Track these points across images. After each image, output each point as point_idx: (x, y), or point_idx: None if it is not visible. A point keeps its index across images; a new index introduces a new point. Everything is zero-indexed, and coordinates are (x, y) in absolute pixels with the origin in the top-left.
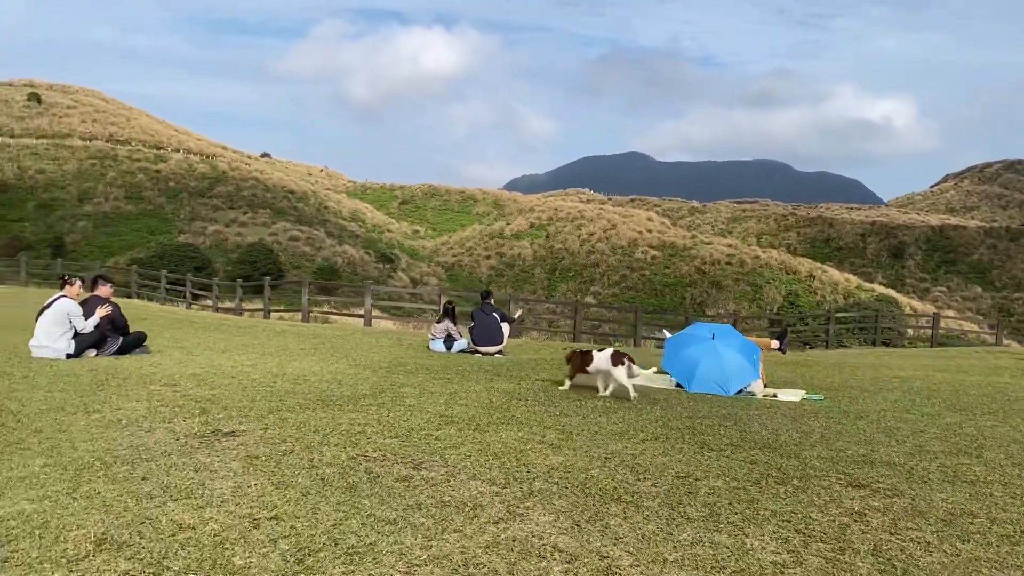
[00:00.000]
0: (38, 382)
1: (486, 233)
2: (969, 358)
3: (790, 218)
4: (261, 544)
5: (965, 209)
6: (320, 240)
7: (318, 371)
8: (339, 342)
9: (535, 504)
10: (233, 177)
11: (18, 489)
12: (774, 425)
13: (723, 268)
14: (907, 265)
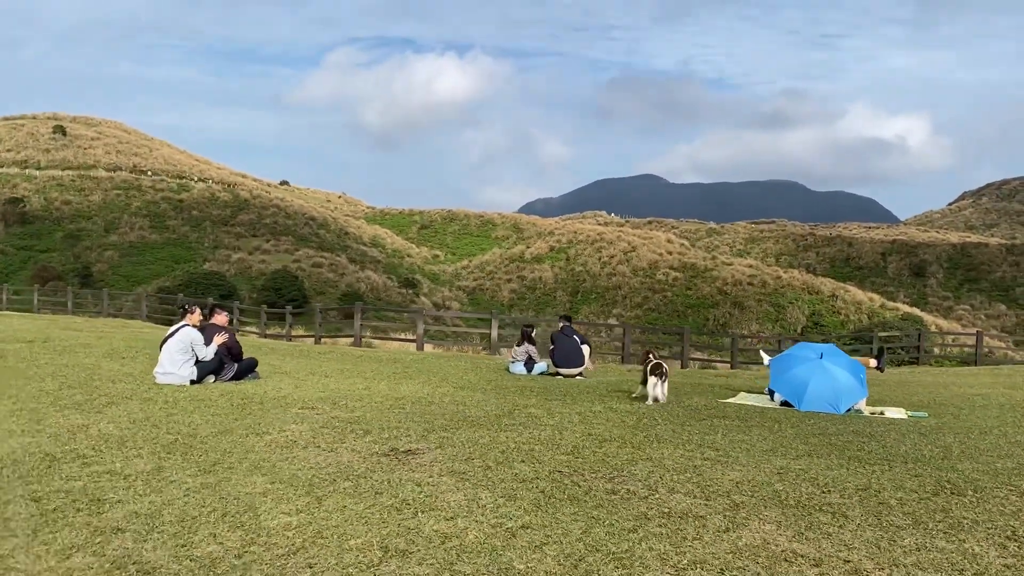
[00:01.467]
0: (185, 407)
1: (506, 257)
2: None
3: (809, 238)
4: (529, 550)
5: (984, 226)
6: (343, 266)
7: (431, 393)
8: (422, 365)
9: (748, 515)
10: (255, 205)
11: (268, 504)
12: (909, 441)
13: (745, 289)
14: (929, 284)
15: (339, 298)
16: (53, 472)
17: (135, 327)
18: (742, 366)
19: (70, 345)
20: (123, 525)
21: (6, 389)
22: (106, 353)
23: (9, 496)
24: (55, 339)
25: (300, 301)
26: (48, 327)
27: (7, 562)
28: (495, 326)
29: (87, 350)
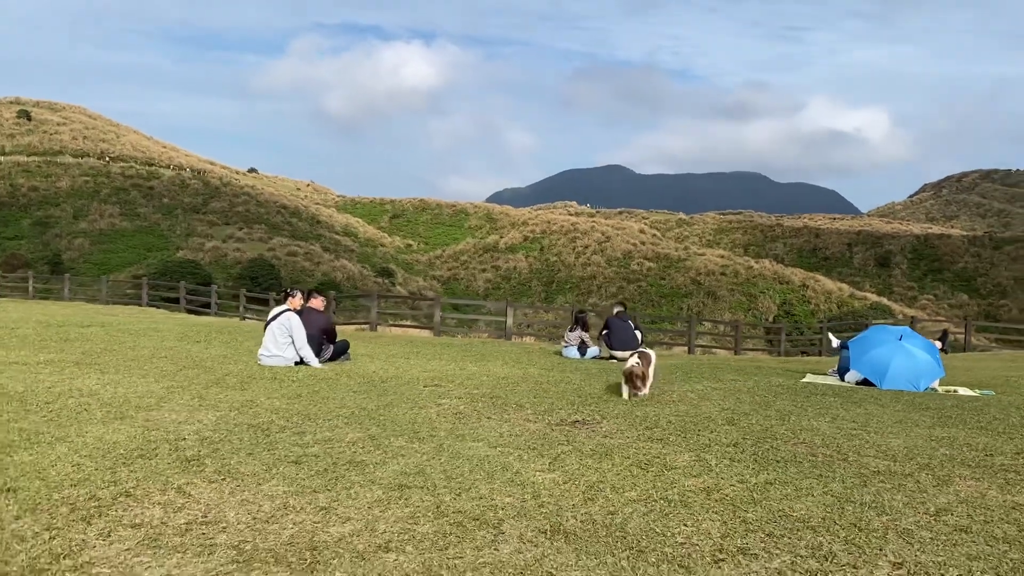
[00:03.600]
0: (322, 385)
1: (480, 247)
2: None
3: (776, 229)
4: (789, 500)
5: (945, 218)
6: (318, 255)
7: (523, 373)
8: (475, 349)
9: (947, 474)
10: (226, 193)
11: (513, 463)
12: (1005, 413)
13: (718, 279)
14: (894, 274)
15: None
16: (281, 440)
17: (150, 312)
18: (743, 352)
19: (136, 329)
20: (405, 481)
21: (138, 369)
22: (178, 337)
23: (266, 463)
24: (111, 324)
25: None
26: (72, 312)
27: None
28: (511, 313)
29: (156, 334)
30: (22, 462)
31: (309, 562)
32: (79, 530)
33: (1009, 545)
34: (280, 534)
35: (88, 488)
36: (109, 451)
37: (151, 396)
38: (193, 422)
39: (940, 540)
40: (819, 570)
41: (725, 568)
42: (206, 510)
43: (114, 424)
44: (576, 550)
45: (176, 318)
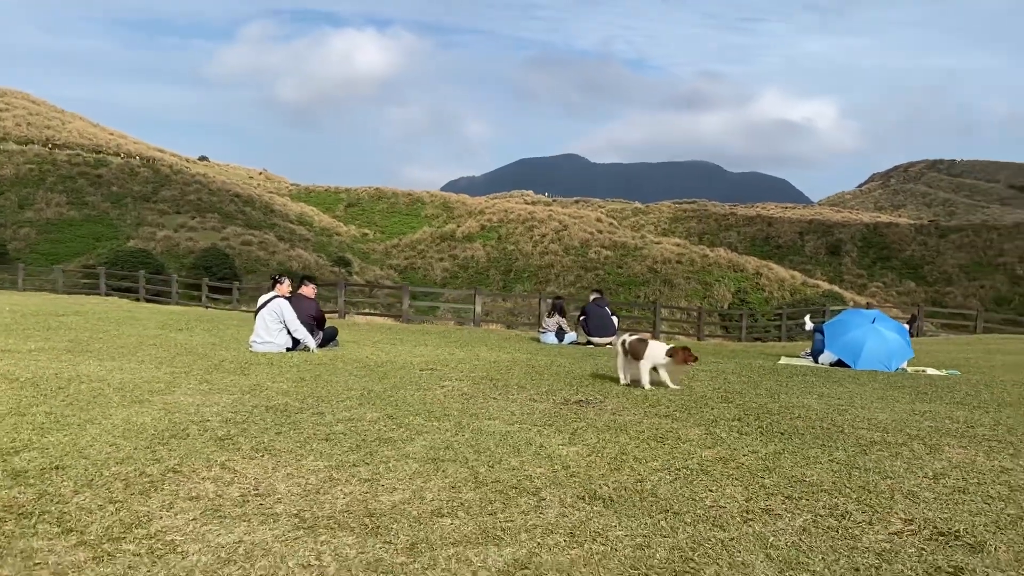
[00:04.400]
0: (321, 370)
1: (437, 235)
2: (973, 344)
3: (730, 218)
4: (802, 467)
5: (893, 207)
6: (272, 244)
7: (511, 358)
8: (453, 336)
9: (937, 443)
10: (177, 181)
11: (535, 439)
12: (982, 390)
13: (674, 267)
14: (844, 262)
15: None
16: (304, 420)
17: (115, 302)
18: (706, 338)
19: (113, 318)
20: (437, 455)
21: (132, 356)
22: (158, 325)
23: (297, 441)
24: (86, 313)
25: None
26: (40, 302)
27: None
28: (479, 301)
29: (135, 322)
30: (59, 443)
31: (370, 527)
32: (141, 503)
33: (1004, 503)
34: (334, 503)
35: (134, 466)
36: (140, 432)
37: (158, 381)
38: (211, 405)
39: (942, 500)
40: (838, 527)
41: (755, 526)
42: (256, 484)
43: (134, 407)
44: (616, 513)
45: (145, 307)
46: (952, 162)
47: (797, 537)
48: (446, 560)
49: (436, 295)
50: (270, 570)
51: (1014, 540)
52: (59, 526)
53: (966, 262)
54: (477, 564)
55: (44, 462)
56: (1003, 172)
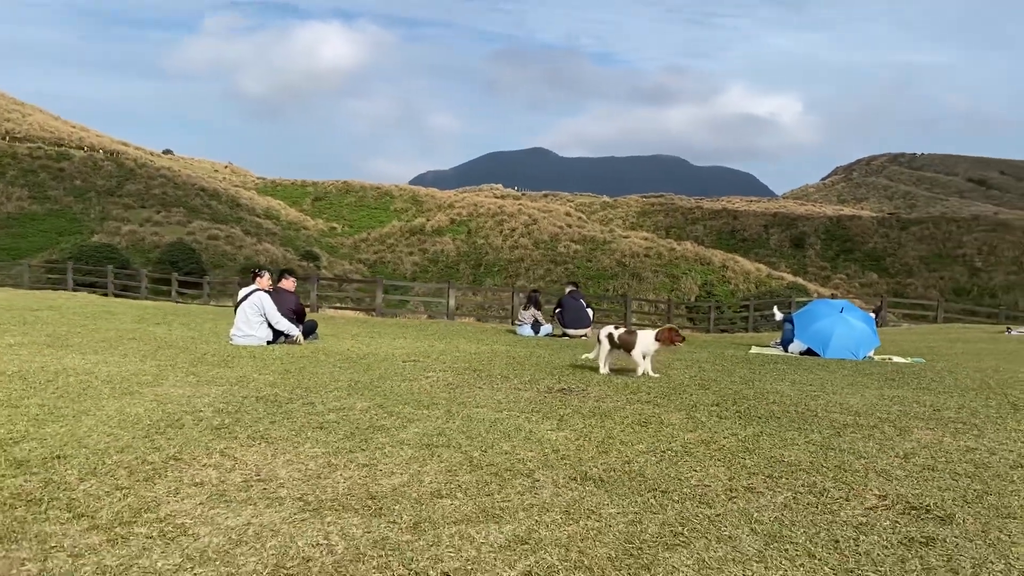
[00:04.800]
0: (306, 363)
1: (406, 229)
2: (935, 334)
3: (696, 211)
4: (779, 448)
5: (855, 200)
6: (239, 239)
7: (490, 350)
8: (430, 329)
9: (906, 425)
10: (141, 175)
11: (524, 425)
12: (937, 376)
13: (642, 261)
14: (808, 254)
15: (239, 271)
16: (295, 410)
17: (85, 296)
18: None
19: (89, 312)
20: (430, 441)
21: (114, 350)
22: (135, 319)
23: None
24: (60, 307)
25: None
26: (9, 296)
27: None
28: (452, 295)
29: (111, 316)
30: (56, 433)
31: (373, 508)
32: (147, 488)
33: (970, 479)
34: (335, 487)
35: (135, 454)
36: (136, 423)
37: (145, 374)
38: (201, 396)
39: (913, 477)
40: (817, 503)
41: (739, 503)
42: (257, 470)
43: (126, 399)
44: (607, 492)
45: (117, 302)
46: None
47: (779, 513)
48: (449, 537)
49: (409, 289)
50: (281, 549)
51: (980, 513)
52: (69, 511)
53: (926, 254)
54: (480, 540)
55: (45, 452)
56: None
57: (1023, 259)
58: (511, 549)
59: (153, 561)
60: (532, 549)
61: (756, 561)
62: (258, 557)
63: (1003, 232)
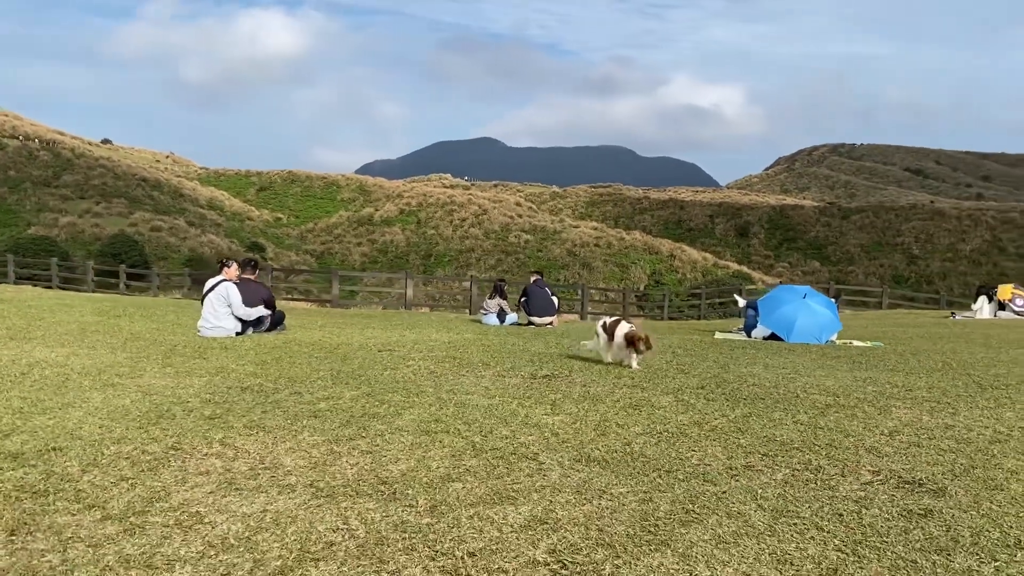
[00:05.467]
0: (282, 354)
1: (354, 220)
2: (884, 319)
3: (644, 201)
4: (770, 427)
5: (798, 190)
6: (183, 230)
7: (463, 339)
8: (397, 319)
9: (886, 404)
10: (80, 165)
11: (518, 410)
12: (902, 359)
13: (592, 250)
14: (752, 243)
15: (184, 263)
16: (285, 400)
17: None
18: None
19: (43, 305)
20: (428, 428)
21: (81, 342)
22: (94, 312)
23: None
24: (11, 300)
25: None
26: None
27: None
28: (410, 285)
29: (69, 309)
30: (46, 425)
31: (387, 493)
32: (153, 478)
33: (955, 454)
34: (344, 474)
35: (132, 445)
36: (125, 414)
37: (121, 366)
38: (185, 387)
39: (901, 453)
40: (815, 479)
41: (742, 481)
42: (260, 458)
43: (108, 391)
44: (614, 473)
45: (69, 295)
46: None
47: (781, 489)
48: (469, 519)
49: (360, 280)
50: (302, 535)
51: (970, 485)
52: (79, 502)
53: (866, 242)
54: (499, 521)
55: (38, 444)
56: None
57: (958, 246)
58: (532, 529)
59: (175, 549)
60: (552, 528)
61: (768, 535)
62: (281, 543)
63: (939, 220)
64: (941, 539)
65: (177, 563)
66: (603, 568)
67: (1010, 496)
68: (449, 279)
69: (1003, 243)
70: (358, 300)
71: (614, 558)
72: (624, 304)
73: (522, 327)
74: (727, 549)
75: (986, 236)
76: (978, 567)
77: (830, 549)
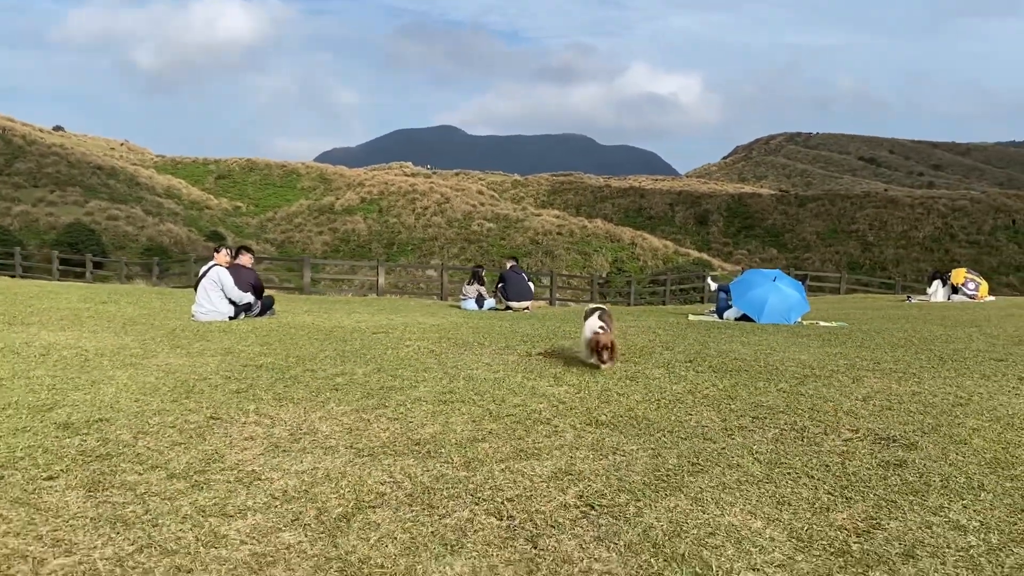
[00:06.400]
0: (283, 336)
1: (315, 208)
2: (844, 302)
3: (605, 190)
4: (757, 395)
5: (755, 178)
6: (141, 219)
7: (449, 323)
8: (376, 305)
9: (858, 375)
10: (32, 152)
11: (524, 382)
12: (867, 336)
13: (555, 238)
14: (711, 231)
15: (142, 252)
16: (301, 376)
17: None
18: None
19: (26, 293)
20: (444, 398)
21: (82, 326)
22: (80, 299)
23: (310, 392)
24: None
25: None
26: None
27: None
28: (382, 272)
29: (53, 296)
30: (83, 400)
31: (422, 452)
32: (203, 444)
33: (923, 415)
34: (379, 437)
35: (173, 416)
36: (155, 390)
37: (132, 348)
38: (201, 366)
39: (875, 415)
40: (802, 437)
41: (737, 439)
42: (297, 426)
43: (130, 370)
44: (622, 434)
45: (42, 283)
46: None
47: (773, 446)
48: (501, 472)
49: (341, 267)
50: (355, 487)
51: (937, 441)
52: (141, 464)
53: (822, 229)
54: (529, 473)
55: (84, 416)
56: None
57: (911, 234)
58: (559, 479)
59: (242, 500)
60: (577, 479)
61: (766, 482)
62: (336, 494)
63: (892, 208)
64: (915, 484)
65: (248, 511)
66: (627, 509)
67: (972, 449)
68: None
69: (954, 230)
70: (321, 287)
71: (635, 501)
72: (592, 292)
73: (499, 312)
74: (732, 493)
75: (938, 223)
76: (948, 505)
77: (821, 492)
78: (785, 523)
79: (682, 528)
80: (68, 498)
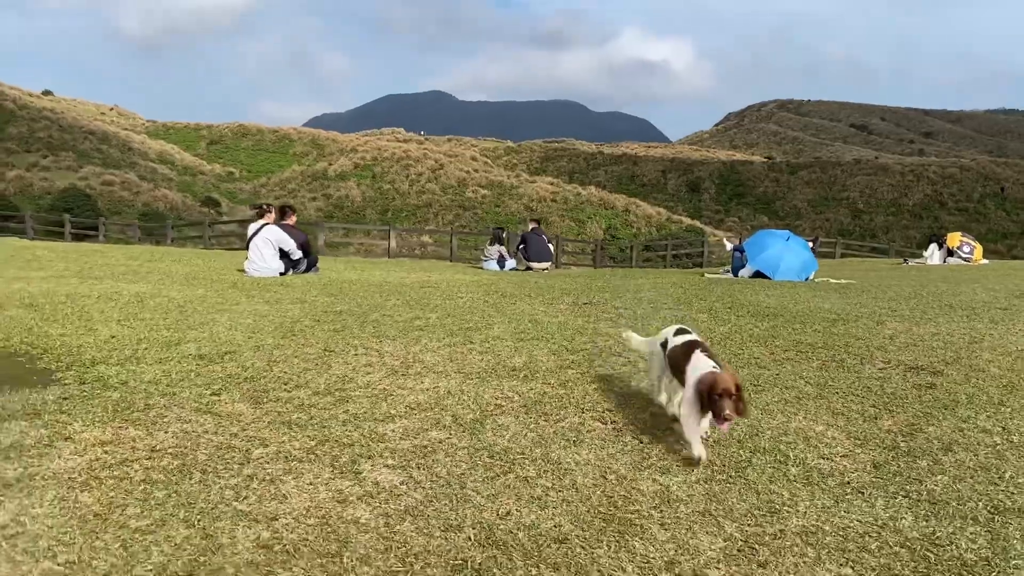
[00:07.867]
0: (337, 290)
1: (308, 174)
2: (844, 266)
3: (598, 157)
4: (803, 332)
5: (747, 146)
6: (135, 184)
7: (481, 280)
8: (407, 266)
9: (881, 319)
10: (23, 117)
11: (583, 327)
12: (879, 292)
13: (549, 205)
14: (703, 198)
15: (139, 217)
16: (382, 319)
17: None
18: (603, 265)
19: (76, 252)
20: (521, 336)
21: (147, 279)
22: (127, 257)
23: (398, 331)
24: (32, 248)
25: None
26: None
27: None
28: (393, 236)
29: (96, 254)
30: (201, 337)
31: (522, 376)
32: (330, 370)
33: (943, 350)
34: (479, 364)
35: (291, 350)
36: (259, 330)
37: (212, 297)
38: (287, 312)
39: (903, 350)
40: (842, 365)
41: (786, 367)
42: (404, 357)
43: (226, 315)
44: None
45: (62, 245)
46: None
47: (818, 372)
48: (594, 391)
49: (352, 231)
50: (476, 400)
51: (959, 369)
52: (286, 384)
53: (813, 197)
54: (619, 391)
55: (211, 350)
56: (845, 112)
57: (901, 201)
58: (645, 397)
59: (385, 410)
60: None
61: (819, 399)
62: (463, 405)
63: (883, 176)
64: (945, 400)
65: (395, 417)
66: None
67: (990, 376)
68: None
69: (943, 198)
70: (340, 250)
71: None
72: (596, 257)
73: (520, 272)
74: (793, 406)
75: (927, 191)
76: (975, 416)
77: (867, 406)
78: (842, 427)
79: (758, 430)
80: (239, 408)
